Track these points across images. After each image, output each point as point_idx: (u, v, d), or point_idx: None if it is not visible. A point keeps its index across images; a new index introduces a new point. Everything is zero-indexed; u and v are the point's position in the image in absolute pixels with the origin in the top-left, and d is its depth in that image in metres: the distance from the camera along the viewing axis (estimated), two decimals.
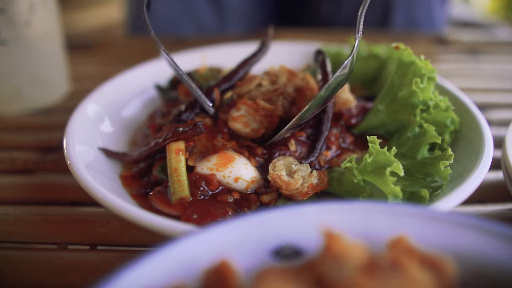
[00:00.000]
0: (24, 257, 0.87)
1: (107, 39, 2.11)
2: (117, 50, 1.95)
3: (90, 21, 2.71)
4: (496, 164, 0.98)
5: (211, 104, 0.96)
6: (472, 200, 0.80)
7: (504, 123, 1.28)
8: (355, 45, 0.89)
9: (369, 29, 2.04)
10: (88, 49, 1.93)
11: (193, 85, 0.95)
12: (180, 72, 0.95)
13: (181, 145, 0.87)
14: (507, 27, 2.30)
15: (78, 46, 1.89)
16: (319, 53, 1.09)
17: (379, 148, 0.80)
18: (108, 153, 0.98)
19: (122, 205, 0.74)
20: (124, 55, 1.86)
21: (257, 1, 2.20)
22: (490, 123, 1.25)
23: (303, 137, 0.94)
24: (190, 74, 1.10)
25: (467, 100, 1.04)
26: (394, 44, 1.01)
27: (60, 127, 1.16)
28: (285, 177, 0.85)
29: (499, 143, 1.02)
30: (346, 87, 1.03)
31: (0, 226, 0.95)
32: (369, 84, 1.19)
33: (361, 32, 0.91)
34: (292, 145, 0.92)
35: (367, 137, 0.83)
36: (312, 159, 0.91)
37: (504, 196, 0.99)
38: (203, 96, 0.95)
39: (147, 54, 1.42)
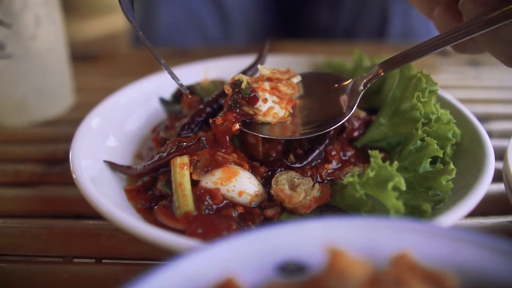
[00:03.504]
0: (29, 270, 0.88)
1: (112, 50, 2.13)
2: (122, 61, 1.96)
3: (94, 30, 2.73)
4: (498, 176, 0.99)
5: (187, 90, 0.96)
6: (474, 212, 0.81)
7: (505, 134, 1.29)
8: None
9: (367, 39, 2.06)
10: (92, 60, 1.95)
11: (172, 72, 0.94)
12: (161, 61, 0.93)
13: (185, 159, 0.88)
14: None
15: (82, 57, 1.91)
16: None
17: (381, 163, 0.81)
18: (113, 166, 0.99)
19: (128, 220, 0.75)
20: (128, 66, 1.87)
21: (260, 11, 2.23)
22: (492, 134, 1.27)
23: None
24: (191, 87, 1.11)
25: (468, 112, 1.05)
26: None
27: (65, 139, 1.17)
28: (288, 191, 0.86)
29: (500, 154, 1.02)
30: None
31: (6, 239, 0.96)
32: (371, 96, 1.20)
33: None
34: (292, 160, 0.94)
35: (369, 151, 0.84)
36: (298, 165, 0.93)
37: (506, 208, 1.00)
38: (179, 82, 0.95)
39: (152, 65, 1.43)
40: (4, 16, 1.23)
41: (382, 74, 0.95)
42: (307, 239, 0.63)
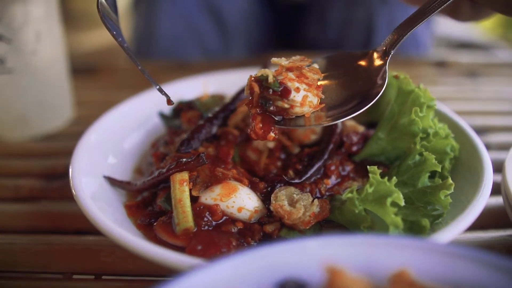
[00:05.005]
0: (29, 287, 0.88)
1: (112, 63, 2.13)
2: (122, 74, 1.97)
3: (95, 42, 2.74)
4: (497, 189, 0.99)
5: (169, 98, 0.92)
6: (473, 226, 0.81)
7: (504, 147, 1.29)
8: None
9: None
10: (92, 73, 1.96)
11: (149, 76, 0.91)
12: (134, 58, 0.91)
13: (185, 175, 0.88)
14: (506, 48, 2.33)
15: (82, 70, 1.92)
16: None
17: (380, 179, 0.82)
18: (112, 181, 0.99)
19: (127, 237, 0.76)
20: (128, 80, 1.88)
21: (258, 23, 2.25)
22: (490, 146, 1.27)
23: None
24: (191, 103, 1.12)
25: (466, 126, 1.05)
26: (394, 73, 1.03)
27: (65, 154, 1.18)
28: (287, 207, 0.86)
29: (499, 167, 1.03)
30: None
31: (6, 255, 0.96)
32: (370, 109, 1.21)
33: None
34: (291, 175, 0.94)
35: (368, 167, 0.84)
36: (297, 180, 0.93)
37: (505, 222, 1.00)
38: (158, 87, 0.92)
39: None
40: (4, 32, 1.24)
41: (398, 38, 0.93)
42: (307, 257, 0.64)
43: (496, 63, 2.02)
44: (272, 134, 0.85)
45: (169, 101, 0.91)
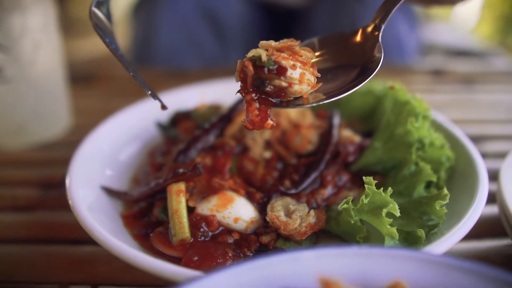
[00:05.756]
0: None
1: (110, 70, 2.14)
2: (120, 82, 1.97)
3: (93, 48, 2.73)
4: (493, 197, 1.00)
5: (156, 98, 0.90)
6: (468, 235, 0.81)
7: (500, 155, 1.29)
8: None
9: None
10: (91, 81, 1.97)
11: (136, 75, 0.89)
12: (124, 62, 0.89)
13: (181, 186, 0.89)
14: (502, 56, 2.34)
15: (80, 78, 1.92)
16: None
17: (375, 189, 0.82)
18: (109, 192, 1.00)
19: (124, 248, 0.76)
20: (126, 87, 1.88)
21: (256, 29, 2.27)
22: (486, 155, 1.28)
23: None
24: (188, 113, 1.12)
25: (462, 135, 1.06)
26: (389, 84, 1.04)
27: (62, 163, 1.18)
28: (283, 218, 0.87)
29: (495, 175, 1.03)
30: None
31: (2, 265, 0.96)
32: (366, 119, 1.22)
33: None
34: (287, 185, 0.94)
35: (364, 178, 0.85)
36: (293, 191, 0.93)
37: (501, 230, 1.00)
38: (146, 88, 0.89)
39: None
40: (2, 41, 1.25)
41: (386, 14, 0.89)
42: (302, 268, 0.64)
43: (492, 71, 2.03)
44: (270, 122, 0.80)
45: (163, 106, 0.90)
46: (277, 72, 0.78)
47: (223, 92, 1.31)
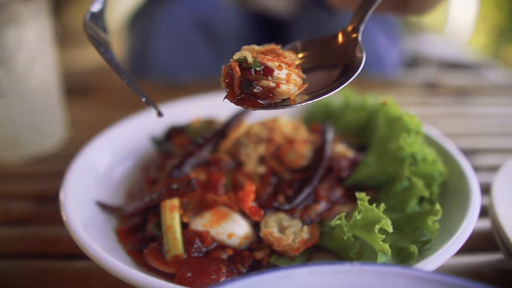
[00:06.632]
0: None
1: (105, 82, 2.14)
2: (115, 94, 1.98)
3: (89, 58, 2.74)
4: (485, 211, 1.00)
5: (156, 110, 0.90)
6: (461, 250, 0.82)
7: (492, 168, 1.30)
8: None
9: None
10: (87, 93, 1.97)
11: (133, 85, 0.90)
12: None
13: (175, 202, 0.89)
14: (496, 68, 2.36)
15: (76, 89, 1.92)
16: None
17: (368, 205, 0.83)
18: (103, 207, 1.00)
19: (117, 264, 0.76)
20: (122, 99, 1.89)
21: (251, 41, 2.28)
22: (479, 168, 1.28)
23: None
24: (182, 128, 1.13)
25: (454, 149, 1.07)
26: (382, 99, 1.05)
27: (57, 176, 1.17)
28: (277, 234, 0.87)
29: (487, 189, 1.03)
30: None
31: None
32: (360, 133, 1.23)
33: None
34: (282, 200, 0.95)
35: (356, 194, 0.85)
36: (287, 207, 0.94)
37: (493, 244, 1.00)
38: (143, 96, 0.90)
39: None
40: None
41: (363, 16, 0.90)
42: (295, 285, 0.64)
43: (485, 85, 2.04)
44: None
45: (159, 113, 0.90)
46: (264, 72, 0.77)
47: (217, 106, 1.32)
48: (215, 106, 1.32)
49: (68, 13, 3.67)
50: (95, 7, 0.93)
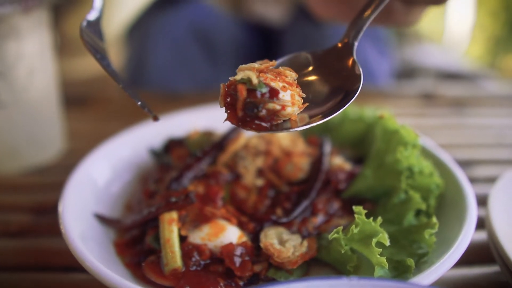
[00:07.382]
0: None
1: (104, 92, 2.15)
2: (114, 104, 1.99)
3: (89, 68, 2.75)
4: (482, 223, 1.00)
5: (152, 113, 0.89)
6: (458, 262, 0.82)
7: (489, 180, 1.30)
8: None
9: None
10: (85, 103, 1.98)
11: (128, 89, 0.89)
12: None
13: (173, 215, 0.90)
14: (493, 79, 2.38)
15: (75, 100, 1.93)
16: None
17: (365, 219, 0.83)
18: (102, 219, 1.00)
19: (115, 278, 0.76)
20: (121, 110, 1.89)
21: (248, 51, 2.29)
22: (476, 180, 1.29)
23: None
24: (181, 140, 1.13)
25: (450, 161, 1.07)
26: (379, 111, 1.06)
27: (55, 188, 1.18)
28: (277, 245, 0.87)
29: (484, 200, 1.04)
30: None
31: None
32: (357, 145, 1.23)
33: None
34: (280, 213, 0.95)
35: (353, 207, 0.86)
36: (285, 220, 0.94)
37: (490, 256, 1.01)
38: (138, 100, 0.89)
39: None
40: None
41: (358, 31, 0.87)
42: None
43: (482, 95, 2.05)
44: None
45: (155, 118, 0.89)
46: (270, 94, 0.73)
47: (215, 117, 1.32)
48: (213, 117, 1.32)
49: (67, 22, 3.68)
50: (92, 15, 0.94)
